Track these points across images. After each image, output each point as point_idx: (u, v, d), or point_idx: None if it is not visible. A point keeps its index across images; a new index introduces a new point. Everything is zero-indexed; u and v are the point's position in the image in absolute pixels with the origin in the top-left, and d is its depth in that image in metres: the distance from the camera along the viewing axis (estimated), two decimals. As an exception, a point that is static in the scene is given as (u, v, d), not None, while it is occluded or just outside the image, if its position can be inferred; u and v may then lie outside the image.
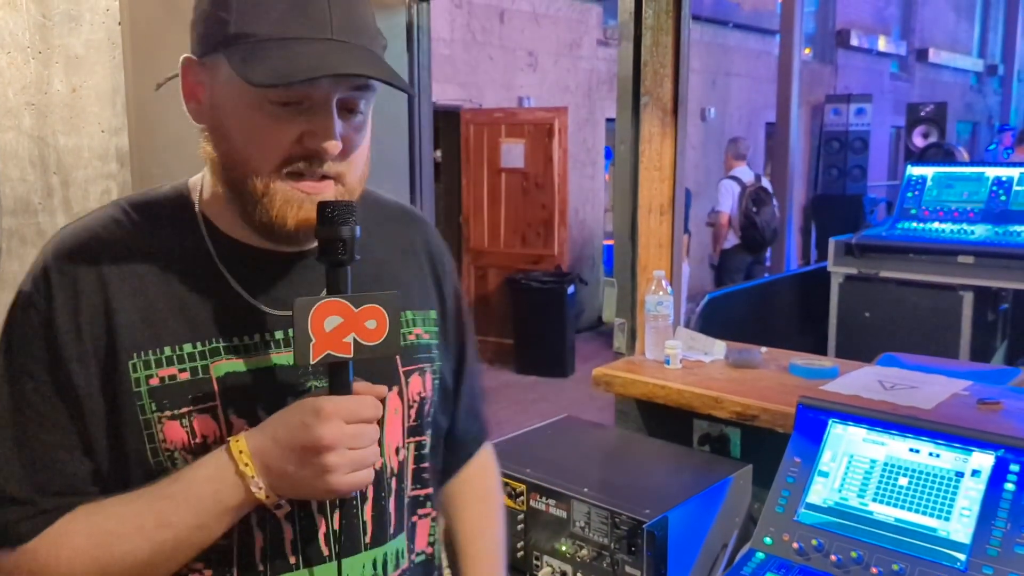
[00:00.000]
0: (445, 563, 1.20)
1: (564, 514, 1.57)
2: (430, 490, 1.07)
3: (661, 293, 2.09)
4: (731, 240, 7.12)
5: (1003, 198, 3.83)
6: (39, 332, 0.87)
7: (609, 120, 9.07)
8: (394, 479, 1.00)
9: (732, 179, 7.08)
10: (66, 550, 0.86)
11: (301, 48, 0.82)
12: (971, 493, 1.35)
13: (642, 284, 2.21)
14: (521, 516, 1.64)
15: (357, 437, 0.83)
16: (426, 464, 1.05)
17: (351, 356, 0.84)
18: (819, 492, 1.47)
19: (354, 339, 0.84)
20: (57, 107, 1.91)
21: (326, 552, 0.93)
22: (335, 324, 0.83)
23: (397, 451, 1.01)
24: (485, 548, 1.21)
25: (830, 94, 11.25)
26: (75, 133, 1.94)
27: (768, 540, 1.45)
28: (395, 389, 1.00)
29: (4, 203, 1.86)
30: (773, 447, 1.61)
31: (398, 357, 1.00)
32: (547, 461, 1.71)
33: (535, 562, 1.63)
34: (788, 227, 9.32)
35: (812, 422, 1.54)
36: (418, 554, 1.05)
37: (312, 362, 0.82)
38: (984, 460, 1.37)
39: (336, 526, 0.93)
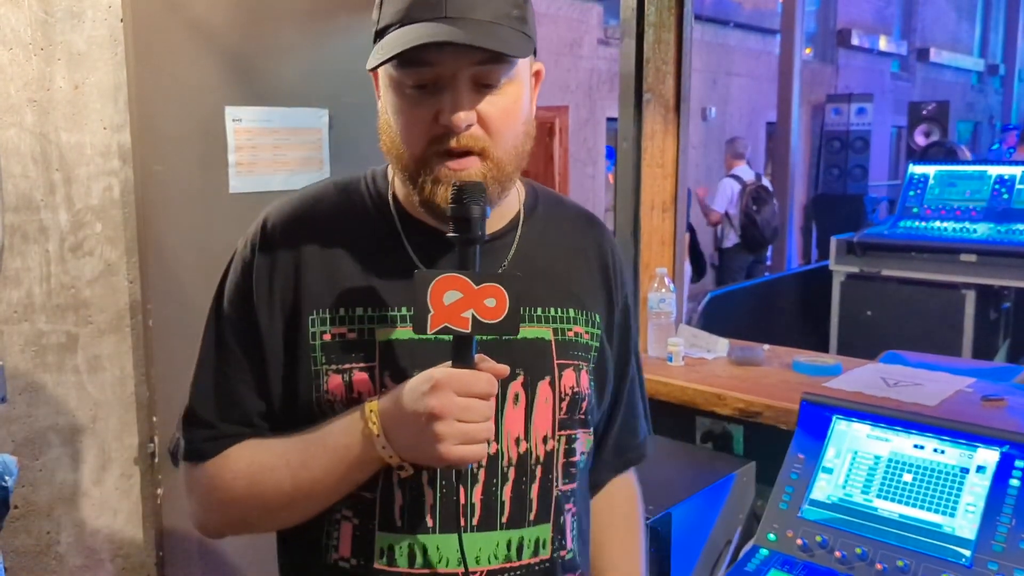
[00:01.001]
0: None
1: (567, 511, 1.56)
2: (575, 486, 1.06)
3: (664, 290, 2.09)
4: (732, 239, 7.11)
5: (1005, 196, 3.82)
6: (241, 283, 1.00)
7: (610, 119, 9.07)
8: (539, 467, 1.01)
9: (732, 178, 7.08)
10: (230, 472, 0.98)
11: (411, 30, 0.88)
12: (976, 489, 1.35)
13: (644, 281, 2.20)
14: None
15: (467, 410, 0.86)
16: (576, 459, 1.05)
17: (469, 331, 0.87)
18: (823, 488, 1.47)
19: (472, 315, 0.86)
20: (59, 104, 1.91)
21: (462, 523, 0.96)
22: (454, 299, 0.86)
23: (545, 440, 1.01)
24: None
25: (831, 94, 11.24)
26: (77, 130, 1.94)
27: (772, 536, 1.45)
28: (547, 379, 1.01)
29: (6, 200, 1.85)
30: (776, 444, 1.61)
31: (554, 349, 1.02)
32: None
33: None
34: (789, 227, 9.32)
35: (816, 419, 1.54)
36: (568, 550, 1.04)
37: (429, 332, 0.86)
38: (989, 456, 1.37)
39: (476, 500, 0.97)
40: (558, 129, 7.06)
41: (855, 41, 12.63)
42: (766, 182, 7.42)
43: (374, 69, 0.92)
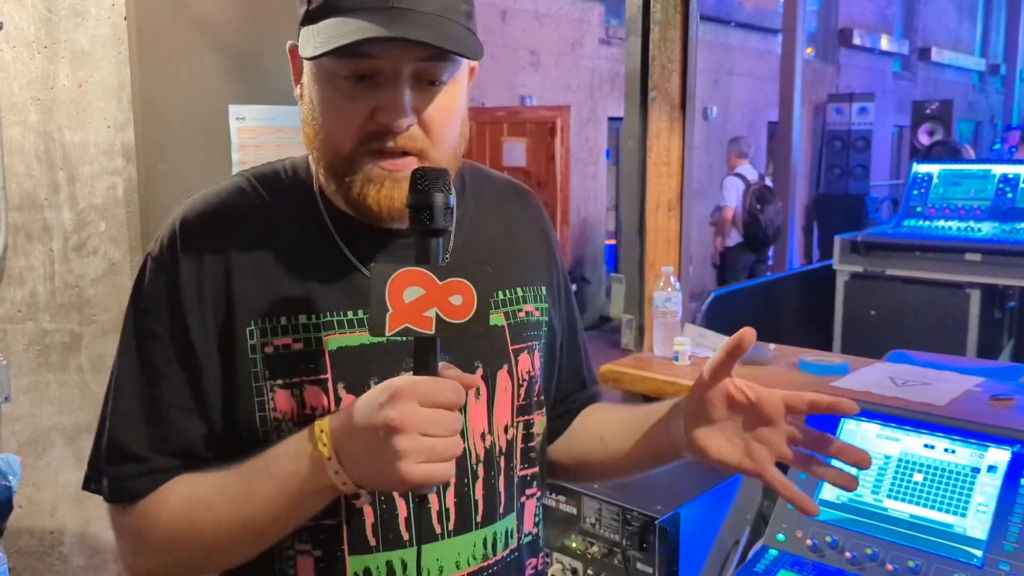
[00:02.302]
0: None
1: (574, 510, 1.56)
2: (536, 469, 1.04)
3: (670, 289, 2.08)
4: (734, 238, 7.11)
5: (1010, 195, 3.82)
6: (164, 293, 0.89)
7: (611, 119, 9.06)
8: (503, 458, 0.98)
9: (737, 176, 7.07)
10: (165, 513, 0.87)
11: (357, 18, 0.80)
12: (987, 489, 1.34)
13: (650, 280, 2.19)
14: (531, 513, 1.62)
15: (432, 423, 0.76)
16: (534, 443, 1.03)
17: (432, 333, 0.77)
18: (833, 488, 1.45)
19: (436, 314, 0.77)
20: (63, 102, 1.90)
21: (439, 530, 0.92)
22: (416, 296, 0.77)
23: (506, 429, 0.99)
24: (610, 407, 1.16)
25: (832, 93, 11.23)
26: (81, 128, 1.93)
27: (781, 537, 1.44)
28: (505, 367, 0.97)
29: (10, 198, 1.85)
30: (784, 444, 1.60)
31: (508, 335, 0.98)
32: (557, 458, 1.70)
33: (545, 559, 1.61)
34: (791, 226, 9.31)
35: (825, 418, 1.53)
36: (526, 534, 1.03)
37: (388, 334, 0.77)
38: (1000, 456, 1.36)
39: (450, 504, 0.92)
40: (559, 128, 7.06)
41: (856, 40, 12.62)
42: (769, 182, 7.41)
43: (311, 59, 0.83)
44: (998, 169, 3.93)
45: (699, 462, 0.94)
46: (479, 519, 0.95)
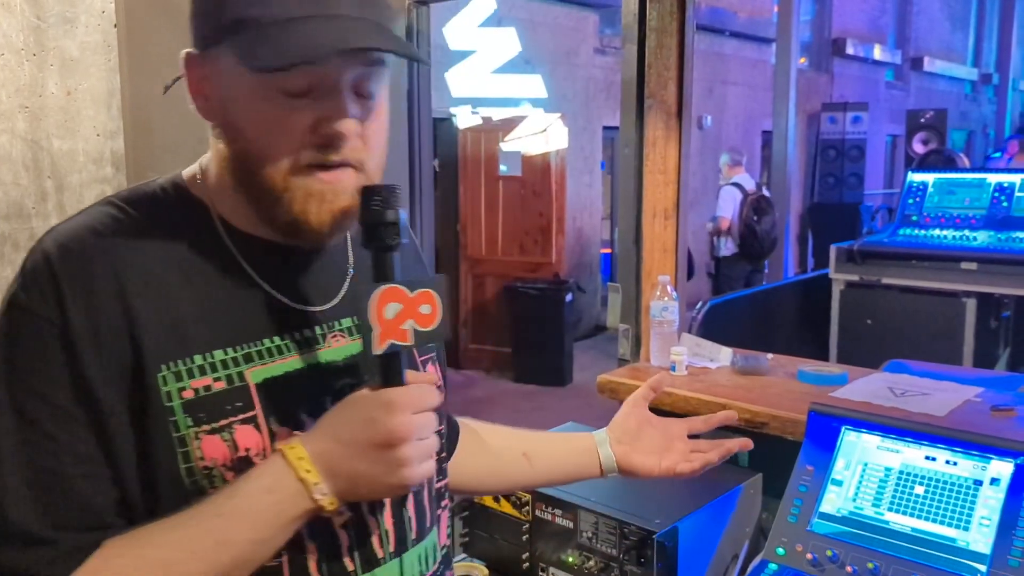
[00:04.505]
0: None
1: (571, 524, 1.53)
2: (447, 480, 1.06)
3: (666, 299, 2.06)
4: (730, 248, 7.09)
5: (1005, 204, 3.81)
6: (52, 348, 0.77)
7: (606, 128, 9.06)
8: None
9: (734, 186, 7.05)
10: None
11: (305, 27, 0.77)
12: (990, 502, 1.32)
13: (647, 290, 2.17)
14: (526, 526, 1.60)
15: (425, 426, 0.80)
16: (443, 453, 1.04)
17: (411, 343, 0.81)
18: (833, 501, 1.43)
19: (412, 326, 0.81)
20: (52, 110, 1.88)
21: (380, 554, 0.91)
22: (396, 311, 0.80)
23: None
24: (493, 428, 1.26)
25: (826, 102, 11.27)
26: (70, 136, 1.91)
27: (781, 551, 1.41)
28: None
29: (-3, 207, 1.82)
30: (782, 455, 1.58)
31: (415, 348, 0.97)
32: (552, 470, 1.67)
33: (541, 574, 1.59)
34: (785, 235, 9.31)
35: (824, 429, 1.51)
36: (443, 547, 1.03)
37: (377, 352, 0.79)
38: (1003, 468, 1.33)
39: (388, 525, 0.91)
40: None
41: (850, 50, 12.67)
42: (766, 192, 7.40)
43: (263, 71, 0.77)
44: (993, 178, 3.93)
45: (625, 474, 1.22)
46: (414, 537, 0.95)
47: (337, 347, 0.91)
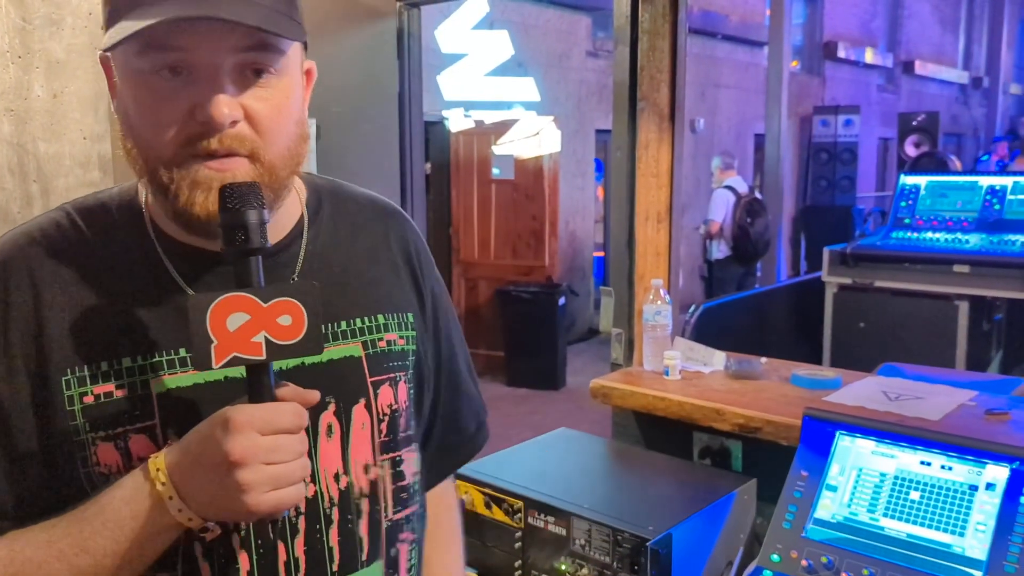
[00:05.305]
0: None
1: (563, 531, 1.51)
2: (413, 509, 0.97)
3: (659, 302, 2.04)
4: (723, 251, 7.09)
5: (997, 207, 3.82)
6: None
7: (599, 131, 9.06)
8: (365, 500, 0.91)
9: (727, 189, 7.06)
10: None
11: (153, 5, 0.74)
12: (986, 507, 1.31)
13: (639, 293, 2.16)
14: (519, 534, 1.58)
15: (275, 451, 0.73)
16: (406, 482, 0.96)
17: (263, 358, 0.75)
18: (827, 507, 1.42)
19: (265, 338, 0.74)
20: (37, 113, 1.85)
21: None
22: (241, 322, 0.74)
23: (367, 469, 0.92)
24: None
25: (818, 105, 11.30)
26: (56, 140, 1.88)
27: (775, 557, 1.40)
28: (361, 401, 0.91)
29: (-19, 212, 1.80)
30: (776, 461, 1.57)
31: (365, 366, 0.92)
32: (545, 476, 1.66)
33: (529, 583, 1.57)
34: (778, 238, 9.32)
35: (819, 434, 1.50)
36: None
37: (216, 366, 0.73)
38: (999, 473, 1.32)
39: (299, 552, 0.85)
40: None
41: (841, 54, 12.70)
42: (759, 195, 7.41)
43: (109, 50, 0.76)
44: (985, 181, 3.94)
45: None
46: (335, 568, 0.88)
47: None
